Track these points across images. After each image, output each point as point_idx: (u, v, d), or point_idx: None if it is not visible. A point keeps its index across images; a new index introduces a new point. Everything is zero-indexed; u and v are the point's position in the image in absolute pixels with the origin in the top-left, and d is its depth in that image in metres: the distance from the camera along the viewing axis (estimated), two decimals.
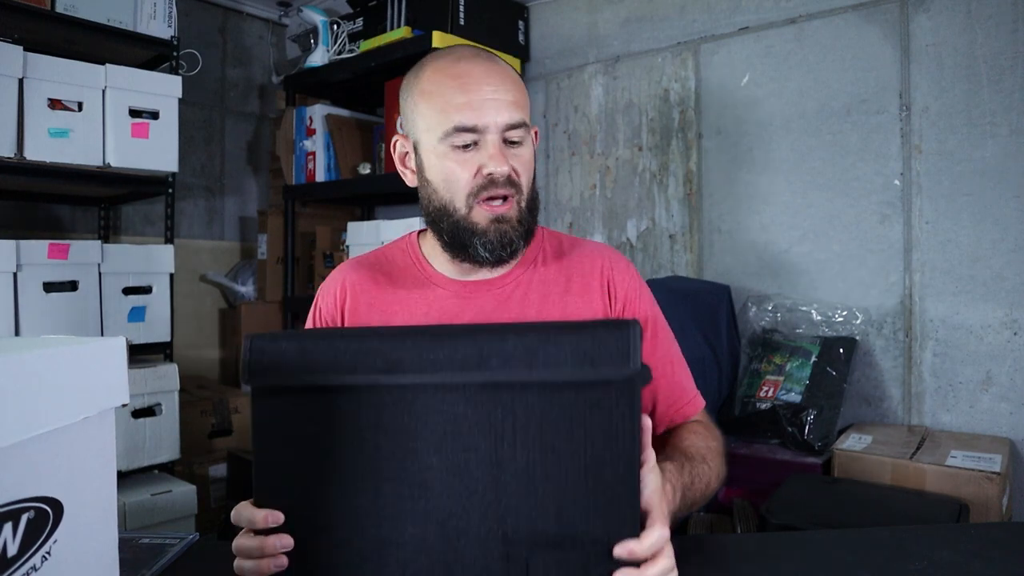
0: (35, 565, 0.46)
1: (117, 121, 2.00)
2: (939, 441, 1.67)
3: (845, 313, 1.90)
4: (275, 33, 3.15)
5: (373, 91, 2.54)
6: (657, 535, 0.63)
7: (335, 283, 1.02)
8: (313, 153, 2.58)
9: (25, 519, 0.45)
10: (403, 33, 2.28)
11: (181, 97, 2.14)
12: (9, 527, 0.44)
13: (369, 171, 2.49)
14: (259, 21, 3.10)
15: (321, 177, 2.56)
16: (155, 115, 2.08)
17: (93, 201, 2.52)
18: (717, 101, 2.17)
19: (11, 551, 0.45)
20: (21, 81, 1.83)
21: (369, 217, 3.02)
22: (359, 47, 2.42)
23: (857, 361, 1.88)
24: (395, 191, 2.28)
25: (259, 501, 0.68)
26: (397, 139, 0.98)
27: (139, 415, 2.04)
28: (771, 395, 1.83)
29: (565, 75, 2.53)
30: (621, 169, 2.38)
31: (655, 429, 0.98)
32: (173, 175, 2.18)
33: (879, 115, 1.88)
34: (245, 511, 0.68)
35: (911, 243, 1.84)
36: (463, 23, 2.29)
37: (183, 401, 2.20)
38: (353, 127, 2.64)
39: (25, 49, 1.83)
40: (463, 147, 0.89)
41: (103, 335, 1.98)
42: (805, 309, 1.96)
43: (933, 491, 1.49)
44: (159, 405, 2.08)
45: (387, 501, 0.66)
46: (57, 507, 0.48)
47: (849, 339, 1.86)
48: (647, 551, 0.62)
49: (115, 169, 2.02)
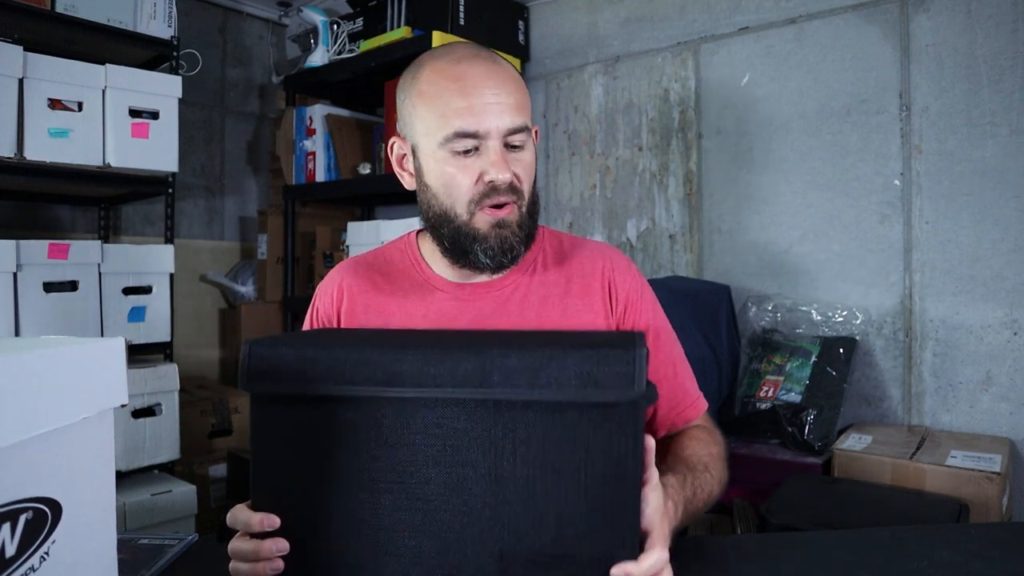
0: (33, 566, 0.46)
1: (117, 121, 2.00)
2: (939, 441, 1.67)
3: (845, 313, 1.90)
4: (275, 33, 3.15)
5: (373, 91, 2.54)
6: (655, 558, 0.63)
7: (332, 284, 1.00)
8: (313, 153, 2.58)
9: (23, 519, 0.45)
10: (403, 33, 2.28)
11: (181, 97, 2.14)
12: (7, 527, 0.44)
13: (369, 171, 2.49)
14: (259, 21, 3.09)
15: (321, 177, 2.56)
16: (155, 115, 2.08)
17: (93, 201, 2.52)
18: (717, 101, 2.17)
19: (9, 551, 0.45)
20: (21, 81, 1.83)
21: (369, 217, 3.02)
22: (359, 47, 2.42)
23: (857, 361, 1.88)
24: (395, 191, 2.24)
25: (256, 505, 0.68)
26: (394, 141, 0.95)
27: (139, 415, 2.04)
28: (771, 395, 1.82)
29: (565, 75, 2.53)
30: (621, 169, 2.38)
31: (656, 432, 0.96)
32: (173, 175, 2.18)
33: (879, 115, 1.88)
34: (241, 514, 0.68)
35: (911, 243, 1.84)
36: (463, 23, 2.29)
37: (183, 401, 2.20)
38: (353, 127, 2.64)
39: (25, 49, 1.83)
40: (463, 152, 0.85)
41: (103, 335, 1.98)
42: (805, 309, 1.96)
43: (933, 491, 1.49)
44: (159, 405, 2.08)
45: (384, 511, 0.65)
46: (56, 508, 0.48)
47: (849, 339, 1.86)
48: (644, 574, 0.62)
49: (115, 169, 2.02)
